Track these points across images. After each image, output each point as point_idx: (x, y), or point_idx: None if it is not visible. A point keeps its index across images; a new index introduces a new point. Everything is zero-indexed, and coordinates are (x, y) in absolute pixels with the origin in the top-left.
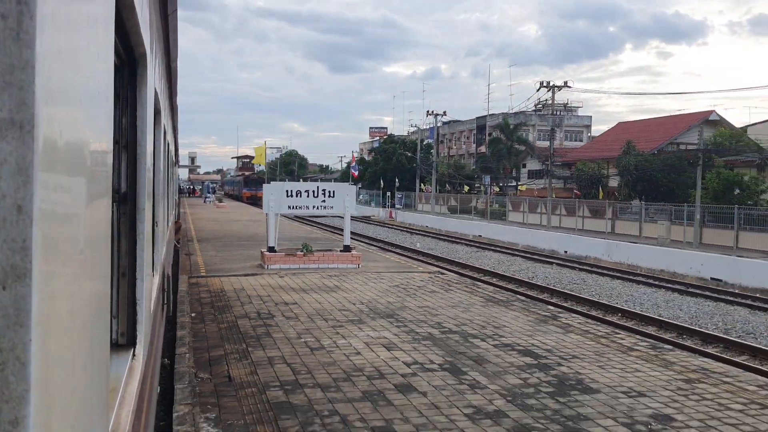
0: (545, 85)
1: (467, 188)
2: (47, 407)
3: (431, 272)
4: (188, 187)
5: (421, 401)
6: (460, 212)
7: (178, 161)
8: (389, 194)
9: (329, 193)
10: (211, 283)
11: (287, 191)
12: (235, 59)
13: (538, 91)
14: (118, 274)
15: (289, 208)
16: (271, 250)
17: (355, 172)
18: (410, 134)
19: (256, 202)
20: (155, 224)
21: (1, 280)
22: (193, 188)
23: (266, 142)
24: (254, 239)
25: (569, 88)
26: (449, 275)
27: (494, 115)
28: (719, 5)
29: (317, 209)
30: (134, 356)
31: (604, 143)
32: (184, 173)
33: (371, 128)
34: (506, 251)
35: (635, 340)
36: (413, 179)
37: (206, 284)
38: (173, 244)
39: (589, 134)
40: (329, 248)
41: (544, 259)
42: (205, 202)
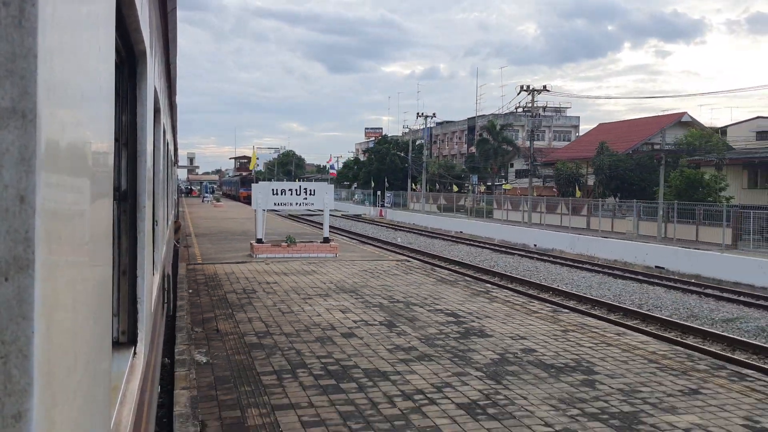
0: (525, 88)
1: (456, 187)
2: (50, 402)
3: (399, 260)
4: (187, 187)
5: (357, 342)
6: (448, 210)
7: (177, 161)
8: (379, 193)
9: (310, 191)
10: (206, 268)
11: (273, 190)
12: (234, 59)
13: (518, 94)
14: (118, 272)
15: (275, 204)
16: (259, 241)
17: (333, 171)
18: (404, 135)
19: None
20: (155, 223)
21: (3, 271)
22: (191, 188)
23: (255, 147)
24: (247, 234)
25: (548, 91)
26: (414, 262)
27: (484, 116)
28: (717, 4)
29: (299, 205)
30: (135, 354)
31: (584, 144)
32: (182, 173)
33: (366, 129)
34: (478, 245)
35: (542, 306)
36: (406, 179)
37: (202, 270)
38: (173, 243)
39: (577, 134)
40: (311, 240)
41: (511, 251)
42: (203, 201)
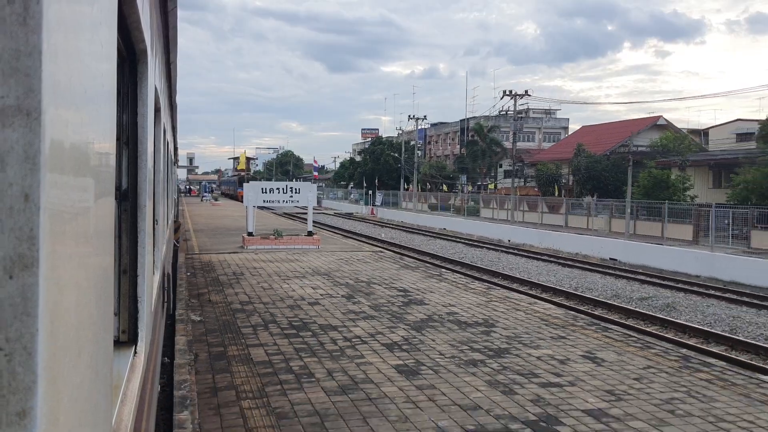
0: (508, 93)
1: (446, 187)
2: (54, 400)
3: (374, 251)
4: (186, 186)
5: (320, 308)
6: (439, 209)
7: (177, 160)
8: (370, 193)
9: (295, 190)
10: (202, 257)
11: (262, 189)
12: (233, 59)
13: (501, 99)
14: (119, 271)
15: (264, 202)
16: (250, 234)
17: (316, 174)
18: (399, 136)
19: None
20: (156, 222)
21: (8, 269)
22: (190, 188)
23: (247, 150)
24: (241, 230)
25: (530, 96)
26: (387, 253)
27: (476, 117)
28: (717, 4)
29: (286, 203)
30: (136, 353)
31: (567, 146)
32: (182, 173)
33: (363, 129)
34: (455, 240)
35: (480, 285)
36: (399, 179)
37: (199, 258)
38: (173, 243)
39: (566, 135)
40: (297, 233)
41: (482, 245)
42: (201, 200)
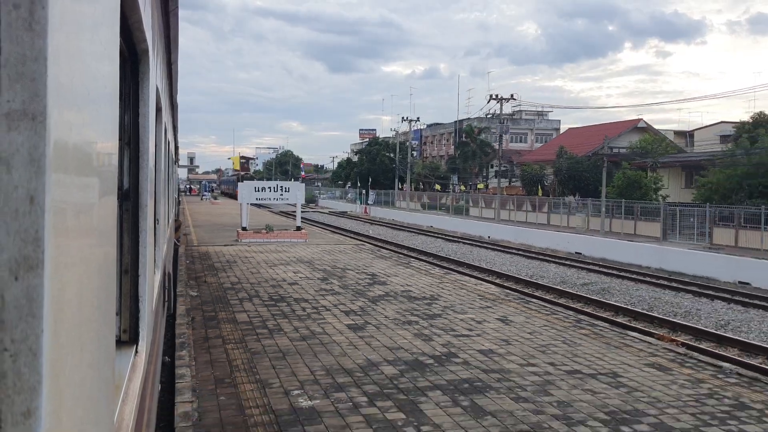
0: (494, 97)
1: (439, 187)
2: (58, 400)
3: (356, 244)
4: (187, 186)
5: (297, 287)
6: (432, 208)
7: (178, 160)
8: (364, 192)
9: (285, 189)
10: (200, 249)
11: (255, 187)
12: (234, 59)
13: (488, 102)
14: (121, 270)
15: (256, 199)
16: (243, 229)
17: (303, 173)
18: (395, 136)
19: None
20: (156, 221)
21: (13, 270)
22: (191, 187)
23: (239, 155)
24: (237, 226)
25: (515, 99)
26: (367, 246)
27: (470, 119)
28: (718, 4)
29: (276, 200)
30: (137, 353)
31: (554, 147)
32: (183, 173)
33: (361, 130)
34: (437, 236)
35: (439, 271)
36: (394, 179)
37: (197, 249)
38: (173, 242)
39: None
40: (287, 228)
41: (460, 240)
42: (201, 199)
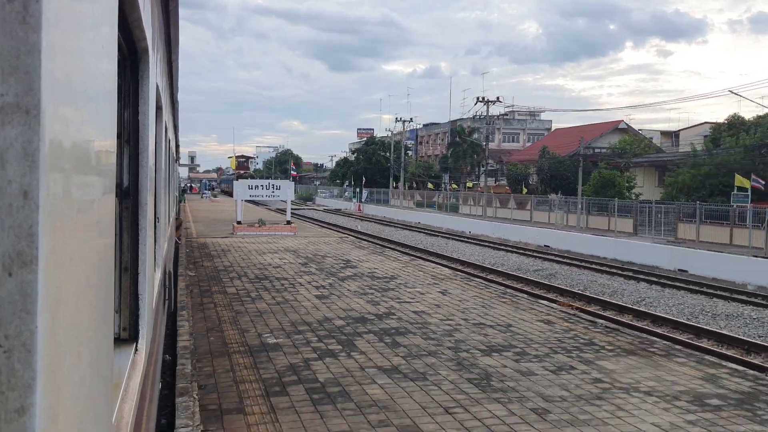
0: (481, 99)
1: (432, 185)
2: (53, 397)
3: (340, 237)
4: (187, 184)
5: (281, 270)
6: (423, 206)
7: (178, 158)
8: (358, 190)
9: (276, 186)
10: (199, 240)
11: (249, 185)
12: (234, 58)
13: (475, 105)
14: (120, 268)
15: (250, 196)
16: (238, 223)
17: (294, 173)
18: (392, 136)
19: None
20: (157, 220)
21: (7, 266)
22: (191, 186)
23: (235, 154)
24: (233, 221)
25: (501, 102)
26: (349, 238)
27: (464, 119)
28: (719, 3)
29: (269, 197)
30: (137, 351)
31: (540, 147)
32: (184, 172)
33: (359, 129)
34: (420, 231)
35: (407, 257)
36: (389, 177)
37: (196, 241)
38: (174, 240)
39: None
40: (278, 222)
41: (442, 235)
42: (202, 197)
